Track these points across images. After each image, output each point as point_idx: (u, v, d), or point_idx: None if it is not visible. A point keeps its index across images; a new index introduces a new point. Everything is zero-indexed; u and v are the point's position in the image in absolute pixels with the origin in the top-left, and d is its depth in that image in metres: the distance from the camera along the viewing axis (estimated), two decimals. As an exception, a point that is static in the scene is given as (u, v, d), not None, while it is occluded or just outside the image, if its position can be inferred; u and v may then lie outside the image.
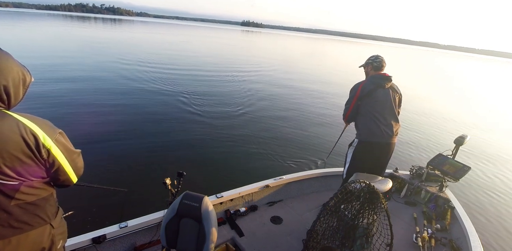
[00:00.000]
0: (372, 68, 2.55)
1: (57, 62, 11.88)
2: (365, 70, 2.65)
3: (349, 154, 2.62)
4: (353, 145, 2.60)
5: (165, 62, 14.72)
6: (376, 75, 2.51)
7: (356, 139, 2.58)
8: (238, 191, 2.51)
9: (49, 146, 0.96)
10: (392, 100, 2.49)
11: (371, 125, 2.45)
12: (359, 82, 2.53)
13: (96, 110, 6.42)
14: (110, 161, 4.21)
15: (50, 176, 1.03)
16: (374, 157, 2.52)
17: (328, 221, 1.64)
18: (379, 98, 2.44)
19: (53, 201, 1.10)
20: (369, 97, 2.44)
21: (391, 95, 2.49)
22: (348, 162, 2.61)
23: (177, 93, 8.61)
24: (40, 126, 0.95)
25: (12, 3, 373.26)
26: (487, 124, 9.18)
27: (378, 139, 2.45)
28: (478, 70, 44.69)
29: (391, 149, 2.53)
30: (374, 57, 2.57)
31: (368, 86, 2.45)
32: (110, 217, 2.78)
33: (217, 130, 5.85)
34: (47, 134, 0.96)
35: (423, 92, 13.75)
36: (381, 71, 2.54)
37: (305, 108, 8.37)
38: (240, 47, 33.05)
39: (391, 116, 2.48)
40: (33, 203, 1.00)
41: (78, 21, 67.21)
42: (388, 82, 2.48)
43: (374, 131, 2.44)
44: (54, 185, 1.10)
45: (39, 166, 0.97)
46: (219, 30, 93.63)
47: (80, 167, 1.14)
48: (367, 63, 2.59)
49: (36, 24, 41.20)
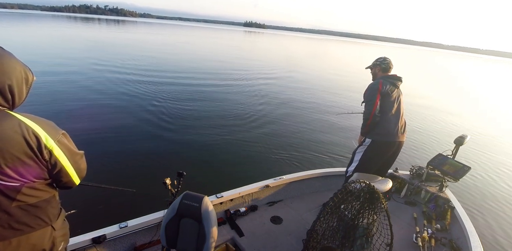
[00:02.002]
0: (381, 69, 2.62)
1: (60, 63, 11.90)
2: (372, 71, 2.70)
3: (358, 153, 2.62)
4: (364, 144, 2.59)
5: (166, 63, 14.72)
6: (389, 76, 2.57)
7: (368, 139, 2.56)
8: (238, 191, 2.51)
9: (51, 147, 0.95)
10: (402, 99, 2.60)
11: (389, 124, 2.48)
12: (375, 81, 2.55)
13: (96, 110, 6.43)
14: (110, 161, 4.22)
15: (52, 177, 1.02)
16: (386, 156, 2.58)
17: (328, 221, 1.63)
18: (394, 97, 2.50)
19: (55, 203, 1.09)
20: (388, 96, 2.47)
21: (401, 95, 2.60)
22: (357, 161, 2.60)
23: (177, 93, 8.61)
24: (42, 127, 0.94)
25: (18, 4, 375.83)
26: (487, 124, 9.18)
27: (393, 138, 2.50)
28: (481, 70, 44.66)
29: (401, 147, 2.61)
30: (382, 59, 2.63)
31: (386, 85, 2.48)
32: (110, 217, 2.78)
33: (217, 130, 5.84)
34: (49, 135, 0.95)
35: (423, 92, 13.75)
36: (389, 73, 2.61)
37: (305, 109, 8.37)
38: (242, 48, 33.03)
39: (402, 115, 2.56)
40: (35, 205, 0.99)
41: (82, 22, 67.25)
42: (401, 82, 2.57)
43: (391, 131, 2.48)
44: (57, 186, 1.09)
45: (41, 167, 0.96)
46: (221, 31, 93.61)
47: (83, 169, 1.13)
48: (375, 64, 2.65)
49: (40, 25, 41.21)
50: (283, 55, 28.75)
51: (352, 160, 2.68)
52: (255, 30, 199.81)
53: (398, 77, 2.56)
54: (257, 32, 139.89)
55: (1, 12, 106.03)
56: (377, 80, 2.54)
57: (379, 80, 2.50)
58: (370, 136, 2.55)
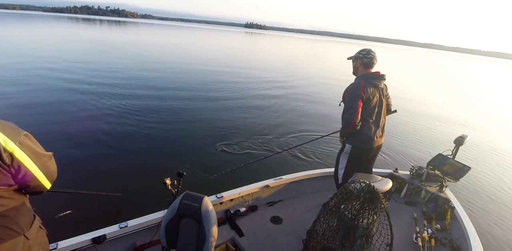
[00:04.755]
0: (362, 64, 2.36)
1: (61, 63, 11.90)
2: (353, 64, 2.45)
3: (342, 160, 2.55)
4: (345, 152, 2.49)
5: (167, 62, 14.72)
6: (371, 75, 2.34)
7: (348, 145, 2.46)
8: (238, 191, 2.50)
9: (12, 149, 0.86)
10: (383, 100, 2.41)
11: (367, 130, 2.35)
12: (357, 83, 2.33)
13: (97, 111, 6.43)
14: (110, 161, 4.22)
15: (18, 183, 0.92)
16: (368, 160, 2.56)
17: (328, 221, 1.63)
18: (376, 100, 2.32)
19: (25, 210, 1.00)
20: (369, 101, 2.28)
21: (384, 95, 2.41)
22: (343, 168, 2.54)
23: (177, 93, 8.62)
24: (0, 129, 0.86)
25: (20, 5, 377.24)
26: (487, 124, 9.17)
27: (372, 144, 2.41)
28: (481, 71, 44.64)
29: (381, 148, 2.58)
30: (365, 51, 2.34)
31: (368, 87, 2.27)
32: (110, 217, 2.78)
33: (217, 130, 5.85)
34: (8, 137, 0.86)
35: (424, 92, 13.76)
36: (371, 69, 2.37)
37: (305, 108, 8.37)
38: (244, 49, 33.02)
39: (383, 117, 2.44)
40: (2, 214, 0.90)
41: (83, 23, 67.23)
42: (384, 81, 2.38)
43: (370, 137, 2.36)
44: (25, 192, 1.01)
45: (2, 172, 0.87)
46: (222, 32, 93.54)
47: (53, 171, 1.04)
48: (357, 57, 2.38)
49: (42, 25, 41.21)
50: (284, 55, 28.75)
51: (337, 167, 2.61)
52: (256, 31, 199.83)
53: (380, 75, 2.33)
54: (258, 33, 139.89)
55: (3, 13, 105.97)
56: (359, 81, 2.32)
57: (361, 83, 2.28)
58: (350, 141, 2.44)
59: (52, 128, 5.17)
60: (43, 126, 5.22)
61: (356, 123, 2.25)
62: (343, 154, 2.54)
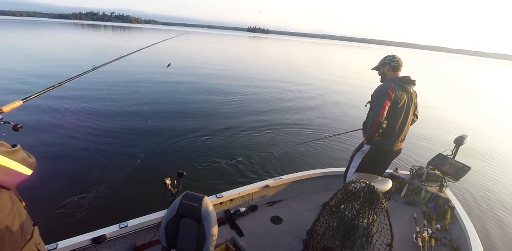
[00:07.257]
0: (390, 68, 2.36)
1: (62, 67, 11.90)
2: (380, 71, 2.44)
3: (356, 159, 2.50)
4: (362, 151, 2.45)
5: (169, 62, 14.72)
6: (400, 79, 2.30)
7: (367, 145, 2.41)
8: (238, 191, 2.50)
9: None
10: (412, 106, 2.36)
11: (392, 133, 2.29)
12: (386, 84, 2.28)
13: (97, 112, 6.44)
14: (110, 161, 4.22)
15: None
16: (383, 163, 2.49)
17: (328, 221, 1.63)
18: (403, 104, 2.26)
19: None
20: (396, 103, 2.22)
21: (413, 101, 2.36)
22: (355, 167, 2.48)
23: (177, 93, 8.62)
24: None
25: (27, 12, 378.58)
26: (487, 124, 9.17)
27: (394, 147, 2.36)
28: (485, 73, 44.57)
29: (399, 153, 2.50)
30: (390, 56, 2.38)
31: (397, 90, 2.22)
32: (110, 217, 2.78)
33: (217, 130, 5.84)
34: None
35: (423, 92, 13.73)
36: (399, 72, 2.38)
37: (305, 109, 8.37)
38: (247, 52, 33.01)
39: (408, 123, 2.38)
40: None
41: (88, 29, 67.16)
42: (413, 86, 2.33)
43: (392, 140, 2.32)
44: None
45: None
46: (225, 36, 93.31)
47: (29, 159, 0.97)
48: (383, 63, 2.39)
49: (47, 31, 41.20)
50: (286, 59, 28.74)
51: (349, 165, 2.57)
52: (259, 35, 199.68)
53: (411, 80, 2.29)
54: (261, 37, 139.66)
55: (11, 20, 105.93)
56: (389, 82, 2.27)
57: (391, 83, 2.24)
58: (371, 142, 2.39)
59: (52, 128, 5.17)
60: (43, 126, 5.22)
61: (380, 120, 2.17)
62: (359, 153, 2.48)
